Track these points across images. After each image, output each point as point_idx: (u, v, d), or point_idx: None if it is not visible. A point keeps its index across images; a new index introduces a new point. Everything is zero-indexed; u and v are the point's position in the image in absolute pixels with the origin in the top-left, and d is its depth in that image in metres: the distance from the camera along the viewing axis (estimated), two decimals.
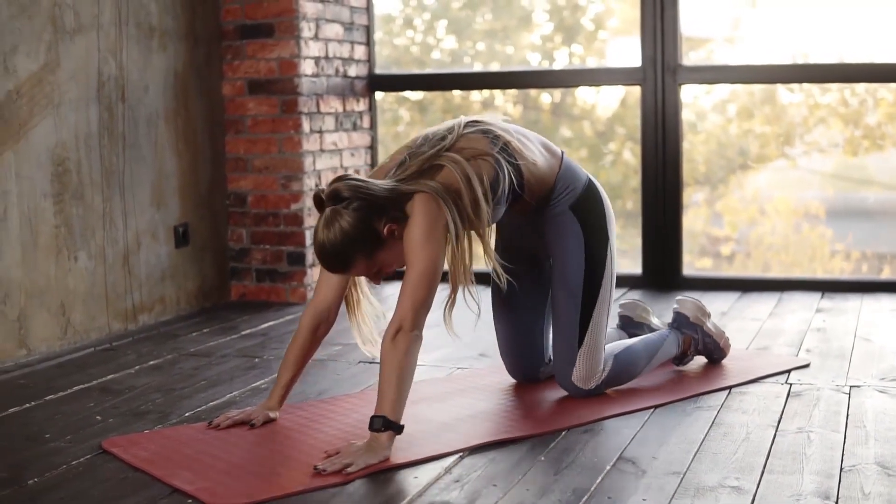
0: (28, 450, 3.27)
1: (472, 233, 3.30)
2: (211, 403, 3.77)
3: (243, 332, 4.89)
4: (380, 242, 3.19)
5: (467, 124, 3.41)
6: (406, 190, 3.22)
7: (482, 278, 3.56)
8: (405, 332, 3.13)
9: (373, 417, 3.09)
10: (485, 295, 3.53)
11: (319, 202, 3.20)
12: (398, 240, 3.21)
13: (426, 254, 3.16)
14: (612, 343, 3.83)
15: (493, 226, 3.61)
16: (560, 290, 3.64)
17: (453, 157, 3.27)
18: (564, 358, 3.64)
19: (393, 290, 5.35)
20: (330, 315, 3.48)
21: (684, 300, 4.03)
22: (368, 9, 6.11)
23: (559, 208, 3.59)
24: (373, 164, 6.17)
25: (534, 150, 3.51)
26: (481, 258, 3.44)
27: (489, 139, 3.37)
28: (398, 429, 3.10)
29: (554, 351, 3.69)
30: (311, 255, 5.64)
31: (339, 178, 3.20)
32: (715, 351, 4.05)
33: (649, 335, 3.91)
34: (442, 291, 3.27)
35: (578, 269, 3.59)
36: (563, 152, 3.65)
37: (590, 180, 3.66)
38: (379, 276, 3.27)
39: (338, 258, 3.17)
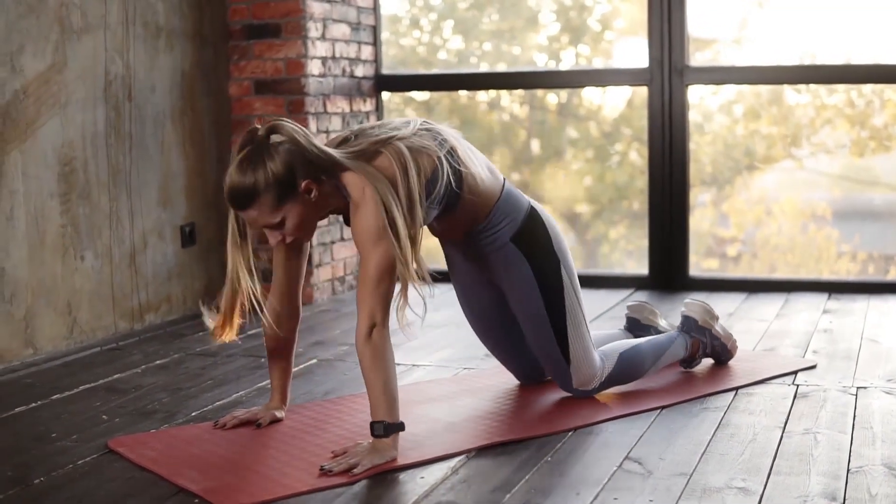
0: (34, 449, 3.27)
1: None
2: (217, 403, 3.78)
3: (249, 332, 4.89)
4: (293, 194, 3.12)
5: (422, 123, 3.36)
6: (343, 163, 3.16)
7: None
8: (379, 329, 3.08)
9: (372, 424, 3.07)
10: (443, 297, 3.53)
11: (251, 136, 3.15)
12: (310, 202, 3.15)
13: (383, 245, 3.10)
14: (617, 341, 3.82)
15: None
16: (526, 322, 3.60)
17: (398, 148, 3.19)
18: (559, 377, 3.64)
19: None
20: (283, 308, 3.43)
21: (692, 303, 4.02)
22: (375, 9, 6.11)
23: (500, 241, 3.51)
24: None
25: (478, 166, 3.44)
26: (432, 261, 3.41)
27: (437, 141, 3.31)
28: (400, 427, 3.09)
29: (547, 373, 3.70)
30: (317, 255, 5.64)
31: (280, 119, 3.16)
32: (723, 353, 4.04)
33: (657, 336, 3.90)
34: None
35: (535, 298, 3.53)
36: (504, 179, 3.57)
37: (531, 208, 3.57)
38: (274, 233, 3.18)
39: (247, 190, 3.10)
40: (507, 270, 3.54)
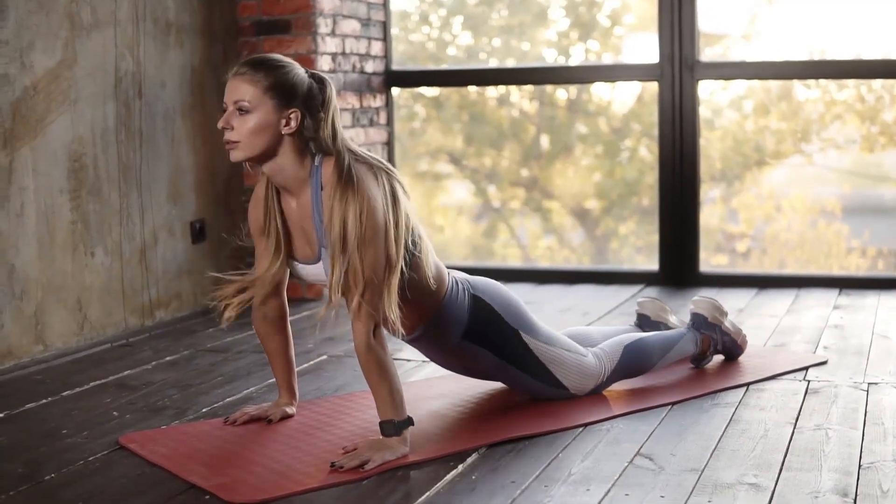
0: (45, 446, 3.27)
1: None
2: (228, 399, 3.78)
3: None
4: (280, 104, 3.06)
5: None
6: (342, 150, 3.10)
7: None
8: (378, 332, 3.06)
9: (382, 424, 3.07)
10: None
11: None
12: (277, 128, 3.06)
13: (377, 244, 3.05)
14: (622, 335, 3.80)
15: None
16: (512, 386, 3.58)
17: (393, 180, 3.12)
18: (566, 398, 3.62)
19: None
20: (269, 308, 3.39)
21: (700, 300, 4.01)
22: (385, 5, 6.11)
23: (453, 342, 3.42)
24: (389, 160, 6.15)
25: (431, 266, 3.29)
26: None
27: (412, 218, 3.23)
28: (409, 423, 3.09)
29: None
30: None
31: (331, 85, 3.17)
32: (733, 349, 4.04)
33: (665, 331, 3.90)
34: None
35: (508, 370, 3.50)
36: (449, 280, 3.39)
37: (472, 297, 3.43)
38: (231, 118, 3.05)
39: (262, 62, 3.08)
40: (472, 360, 3.50)
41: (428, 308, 3.32)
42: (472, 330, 3.41)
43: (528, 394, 3.58)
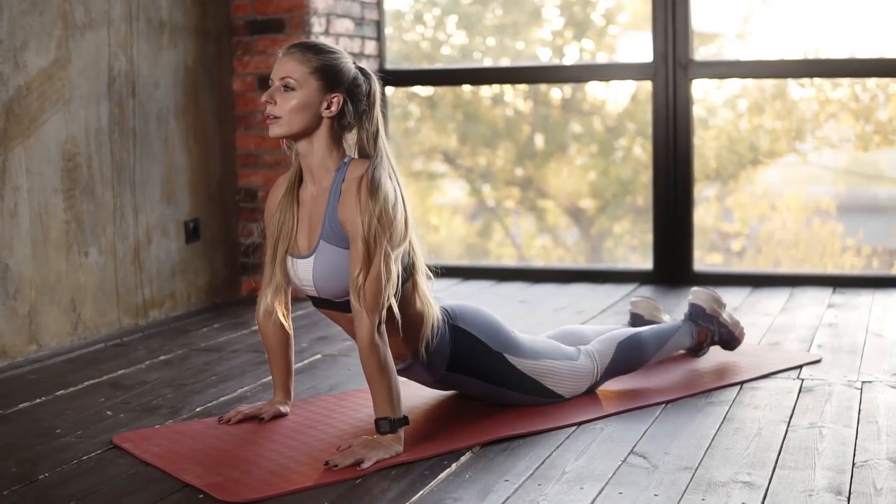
0: (39, 445, 3.27)
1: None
2: (222, 399, 3.77)
3: (253, 328, 4.89)
4: (324, 86, 3.13)
5: None
6: (378, 146, 3.19)
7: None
8: (381, 329, 3.07)
9: (377, 421, 3.07)
10: None
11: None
12: (316, 110, 3.14)
13: (395, 239, 3.10)
14: (614, 332, 3.80)
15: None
16: (507, 404, 3.52)
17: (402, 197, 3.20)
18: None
19: None
20: (275, 306, 3.42)
21: (699, 291, 4.01)
22: (379, 4, 6.10)
23: (438, 374, 3.40)
24: None
25: (426, 296, 3.30)
26: None
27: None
28: (405, 422, 3.09)
29: None
30: None
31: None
32: (731, 341, 4.03)
33: (660, 325, 3.89)
34: None
35: (502, 392, 3.47)
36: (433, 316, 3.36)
37: (453, 328, 3.36)
38: (275, 94, 3.12)
39: (314, 45, 3.18)
40: (462, 387, 3.50)
41: (412, 342, 3.31)
42: (456, 361, 3.39)
43: (524, 407, 3.54)
